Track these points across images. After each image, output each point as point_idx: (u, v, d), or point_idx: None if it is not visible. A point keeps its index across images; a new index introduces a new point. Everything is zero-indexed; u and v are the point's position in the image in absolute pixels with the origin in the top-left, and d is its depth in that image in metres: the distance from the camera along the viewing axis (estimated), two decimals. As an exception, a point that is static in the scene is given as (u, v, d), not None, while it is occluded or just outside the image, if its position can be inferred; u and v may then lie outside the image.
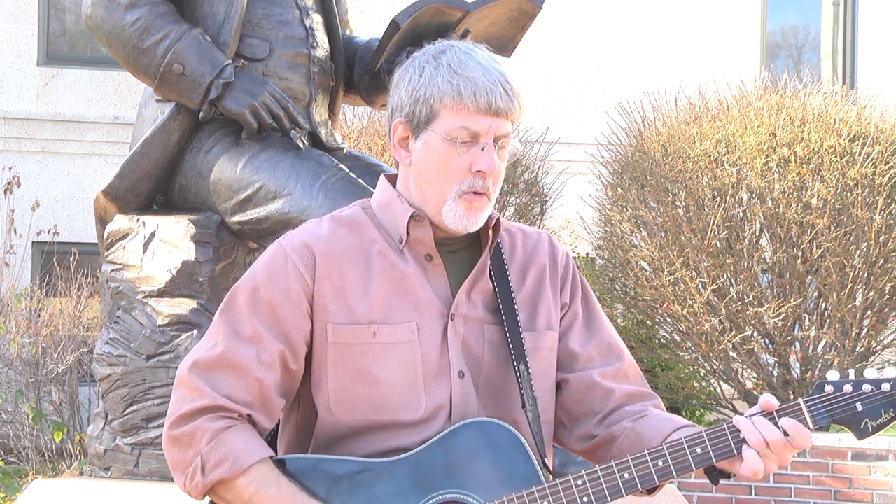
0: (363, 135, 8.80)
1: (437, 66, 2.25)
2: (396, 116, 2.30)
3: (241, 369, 2.24)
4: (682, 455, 2.19)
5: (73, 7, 11.83)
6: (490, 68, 2.24)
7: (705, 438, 2.20)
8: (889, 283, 8.25)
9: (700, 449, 2.20)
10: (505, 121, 2.25)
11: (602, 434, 2.34)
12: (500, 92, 2.23)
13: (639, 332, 9.14)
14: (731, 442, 2.20)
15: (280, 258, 2.29)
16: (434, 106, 2.24)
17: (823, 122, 8.34)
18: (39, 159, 11.48)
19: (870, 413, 2.21)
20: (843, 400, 2.22)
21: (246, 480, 2.20)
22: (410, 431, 2.25)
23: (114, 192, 4.22)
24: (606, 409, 2.36)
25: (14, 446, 8.59)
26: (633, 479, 2.19)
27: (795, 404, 2.21)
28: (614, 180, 9.06)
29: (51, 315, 8.88)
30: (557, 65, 12.41)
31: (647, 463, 2.19)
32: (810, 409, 2.21)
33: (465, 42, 2.31)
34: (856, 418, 2.21)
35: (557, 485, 2.18)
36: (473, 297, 2.32)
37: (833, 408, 2.22)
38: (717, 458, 2.20)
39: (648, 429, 2.29)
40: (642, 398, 2.38)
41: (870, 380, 2.22)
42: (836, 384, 2.22)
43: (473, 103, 2.22)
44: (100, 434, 4.19)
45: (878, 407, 2.21)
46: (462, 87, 2.22)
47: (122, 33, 4.08)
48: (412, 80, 2.27)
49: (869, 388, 2.21)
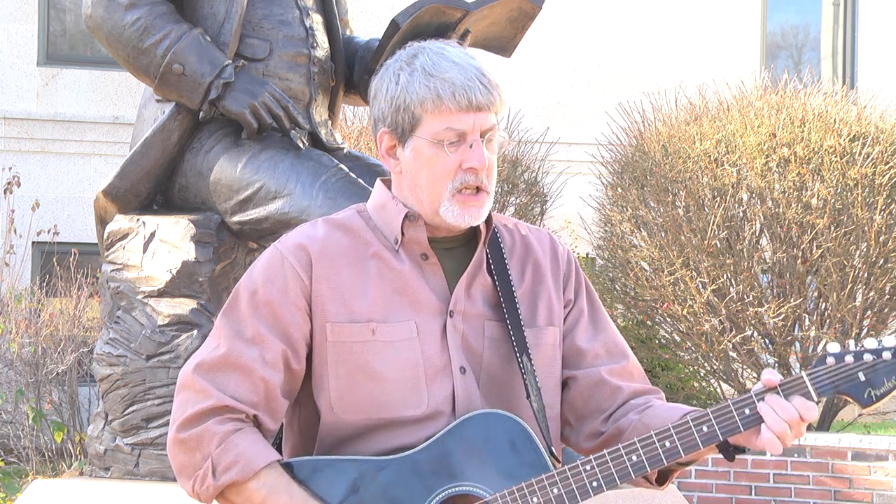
0: (363, 135, 8.80)
1: (412, 71, 2.25)
2: (380, 127, 2.30)
3: (246, 369, 2.24)
4: (689, 434, 2.20)
5: (73, 7, 11.82)
6: (464, 65, 2.24)
7: (711, 417, 2.21)
8: (889, 283, 8.25)
9: (706, 427, 2.20)
10: (487, 114, 2.24)
11: (610, 429, 2.35)
12: (479, 87, 2.22)
13: (639, 332, 9.14)
14: (737, 419, 2.20)
15: (277, 260, 2.30)
16: (415, 112, 2.24)
17: (823, 122, 8.35)
18: (39, 159, 11.48)
19: (872, 382, 2.22)
20: (845, 371, 2.22)
21: (257, 484, 2.19)
22: (414, 428, 2.25)
23: (114, 192, 4.22)
24: (614, 406, 2.36)
25: (14, 446, 8.58)
26: (642, 460, 2.19)
27: (798, 378, 2.22)
28: (614, 180, 9.06)
29: (51, 315, 8.87)
30: (557, 65, 12.41)
31: (655, 444, 2.19)
32: (813, 381, 2.22)
33: (435, 42, 2.31)
34: (859, 388, 2.22)
35: (566, 470, 2.19)
36: (473, 292, 2.32)
37: (836, 379, 2.22)
38: (724, 435, 2.20)
39: (655, 418, 2.29)
40: (648, 394, 2.40)
41: (871, 349, 2.23)
42: (837, 356, 2.23)
43: (454, 103, 2.22)
44: (100, 434, 4.19)
45: (880, 375, 2.22)
46: (440, 88, 2.22)
47: (122, 33, 4.08)
48: (389, 89, 2.27)
49: (870, 358, 2.22)
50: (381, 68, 2.33)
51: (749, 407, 2.21)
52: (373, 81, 2.33)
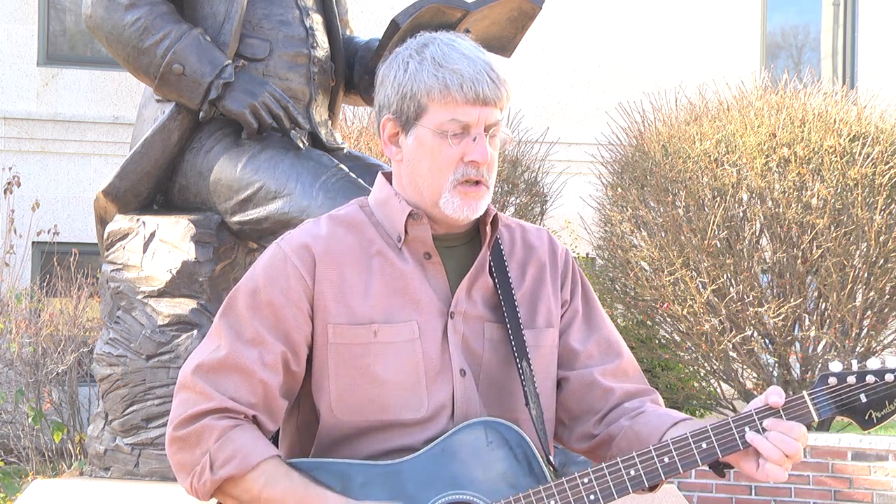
0: (363, 135, 8.80)
1: (421, 60, 2.25)
2: (384, 114, 2.30)
3: (246, 371, 2.23)
4: (688, 451, 2.19)
5: (73, 7, 11.82)
6: (474, 58, 2.24)
7: (710, 434, 2.20)
8: (889, 283, 8.25)
9: (706, 444, 2.19)
10: (493, 109, 2.25)
11: (601, 434, 2.34)
12: (487, 81, 2.23)
13: (639, 332, 9.13)
14: (736, 437, 2.19)
15: (279, 259, 2.28)
16: (422, 101, 2.24)
17: (823, 122, 8.34)
18: (39, 159, 11.47)
19: (874, 404, 2.20)
20: (846, 392, 2.20)
21: (255, 475, 2.19)
22: (413, 431, 2.25)
23: (114, 192, 4.22)
24: (606, 407, 2.35)
25: (14, 446, 8.58)
26: (640, 475, 2.19)
27: (800, 398, 2.20)
28: (614, 180, 9.05)
29: (51, 315, 8.87)
30: (557, 65, 12.41)
31: (654, 459, 2.19)
32: (814, 401, 2.20)
33: (445, 34, 2.30)
34: (860, 410, 2.20)
35: (564, 483, 2.18)
36: (473, 294, 2.32)
37: (837, 400, 2.21)
38: (723, 452, 2.19)
39: (646, 426, 2.28)
40: (640, 395, 2.38)
41: (873, 370, 2.21)
42: (839, 376, 2.21)
43: (461, 95, 2.22)
44: (100, 434, 4.19)
45: (882, 397, 2.20)
46: (448, 79, 2.22)
47: (122, 33, 4.08)
48: (397, 77, 2.26)
49: (872, 380, 2.20)
50: (389, 55, 2.33)
51: (749, 425, 2.19)
52: (380, 68, 2.32)
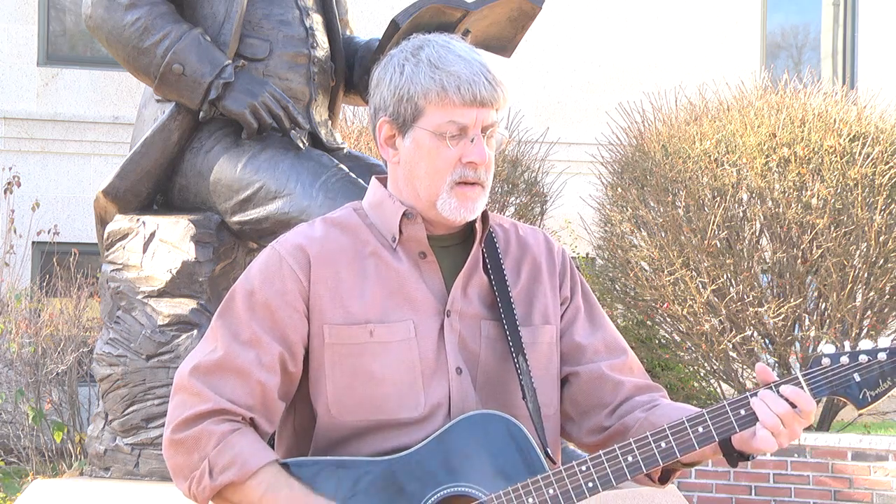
0: (363, 135, 8.80)
1: (417, 62, 2.25)
2: (381, 116, 2.30)
3: (243, 373, 2.23)
4: (685, 435, 2.20)
5: (73, 7, 11.82)
6: (470, 60, 2.25)
7: (706, 417, 2.20)
8: (889, 283, 8.25)
9: (702, 428, 2.20)
10: (490, 110, 2.25)
11: (615, 425, 2.35)
12: (483, 82, 2.23)
13: (639, 332, 9.14)
14: (732, 419, 2.20)
15: (275, 261, 2.29)
16: (419, 103, 2.25)
17: (823, 122, 8.35)
18: (39, 159, 11.48)
19: (868, 383, 2.22)
20: (840, 371, 2.22)
21: (255, 482, 2.19)
22: (410, 430, 2.25)
23: (114, 192, 4.22)
24: (616, 400, 2.36)
25: (14, 446, 8.59)
26: (637, 461, 2.19)
27: (794, 378, 2.22)
28: (614, 180, 9.06)
29: (51, 315, 8.88)
30: (557, 65, 12.41)
31: (650, 445, 2.19)
32: (809, 381, 2.22)
33: (440, 35, 2.31)
34: (854, 389, 2.22)
35: (562, 471, 2.19)
36: (469, 292, 2.32)
37: (831, 379, 2.22)
38: (719, 435, 2.20)
39: (662, 417, 2.29)
40: (650, 389, 2.39)
41: (866, 350, 2.23)
42: (832, 356, 2.23)
43: (458, 97, 2.22)
44: (100, 434, 4.19)
45: (875, 377, 2.22)
46: (445, 81, 2.22)
47: (122, 33, 4.08)
48: (393, 79, 2.27)
49: (865, 359, 2.22)
50: (384, 58, 2.33)
51: (745, 407, 2.21)
52: (375, 70, 2.32)
